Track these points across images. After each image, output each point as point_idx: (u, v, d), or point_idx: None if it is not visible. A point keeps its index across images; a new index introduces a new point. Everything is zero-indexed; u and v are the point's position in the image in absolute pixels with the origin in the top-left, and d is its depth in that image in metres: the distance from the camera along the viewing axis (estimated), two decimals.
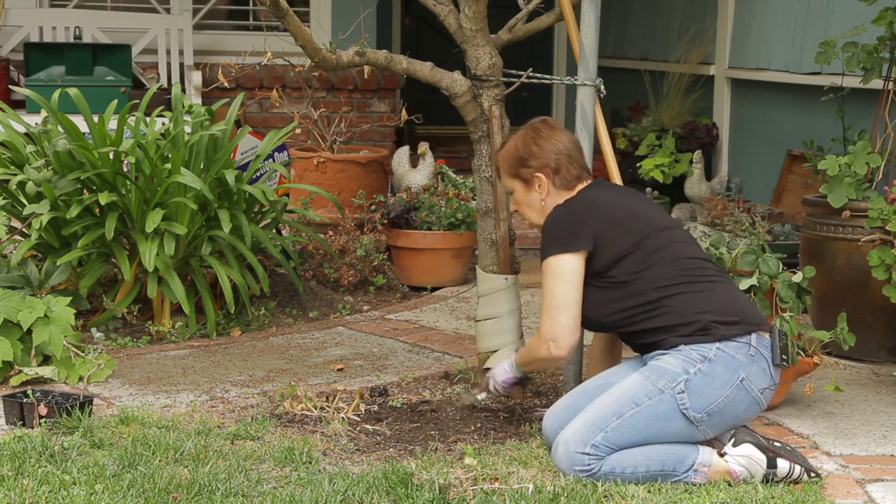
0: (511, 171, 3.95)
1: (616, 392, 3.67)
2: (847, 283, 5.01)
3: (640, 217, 3.84)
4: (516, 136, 3.97)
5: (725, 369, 3.62)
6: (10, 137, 5.45)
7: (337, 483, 3.50)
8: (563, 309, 3.73)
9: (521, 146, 3.92)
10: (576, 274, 3.74)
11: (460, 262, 6.38)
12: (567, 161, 3.88)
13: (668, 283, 3.70)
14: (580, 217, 3.77)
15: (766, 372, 3.68)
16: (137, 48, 8.08)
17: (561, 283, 3.73)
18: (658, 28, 8.86)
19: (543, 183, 3.88)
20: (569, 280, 3.73)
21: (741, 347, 3.65)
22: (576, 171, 3.89)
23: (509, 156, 3.95)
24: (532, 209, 3.94)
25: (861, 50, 5.22)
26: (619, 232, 3.75)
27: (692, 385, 3.61)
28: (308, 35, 4.14)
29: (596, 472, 3.58)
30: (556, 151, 3.87)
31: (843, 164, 5.04)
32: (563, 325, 3.73)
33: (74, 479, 3.50)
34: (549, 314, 3.75)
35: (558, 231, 3.77)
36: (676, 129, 7.82)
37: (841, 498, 3.56)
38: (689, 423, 3.62)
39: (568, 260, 3.73)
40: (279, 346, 5.22)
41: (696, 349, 3.64)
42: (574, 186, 3.89)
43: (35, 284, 5.12)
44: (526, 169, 3.89)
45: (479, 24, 4.34)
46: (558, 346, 3.74)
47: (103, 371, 4.63)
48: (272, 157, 6.28)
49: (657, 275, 3.71)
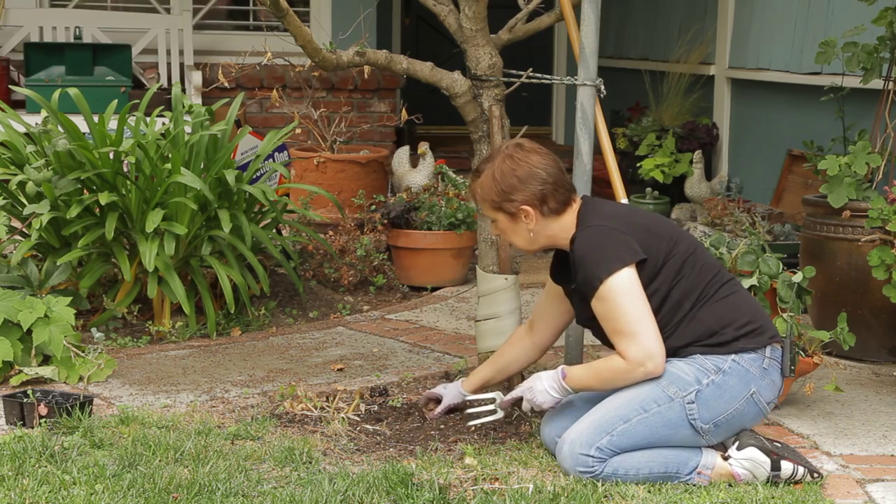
0: (492, 205, 3.70)
1: (624, 396, 3.62)
2: (847, 283, 5.01)
3: (660, 222, 3.75)
4: (492, 165, 3.69)
5: (738, 382, 3.59)
6: (11, 137, 5.45)
7: (337, 483, 3.50)
8: (643, 321, 3.53)
9: (500, 179, 3.65)
10: (638, 285, 3.54)
11: (460, 262, 6.38)
12: (553, 189, 3.65)
13: (699, 291, 3.61)
14: (616, 231, 3.59)
15: (775, 384, 3.66)
16: (137, 48, 8.08)
17: (632, 299, 3.52)
18: (658, 28, 8.85)
19: (531, 214, 3.66)
20: (637, 292, 3.53)
21: (756, 360, 3.62)
22: (563, 195, 3.67)
23: (489, 189, 3.68)
24: (518, 237, 3.74)
25: (861, 50, 5.22)
26: (653, 239, 3.62)
27: (703, 396, 3.57)
28: (308, 35, 4.14)
29: (598, 474, 3.57)
30: (541, 181, 3.64)
31: (843, 164, 5.04)
32: (652, 336, 3.53)
33: (74, 479, 3.50)
34: (633, 335, 3.53)
35: (605, 250, 3.56)
36: (676, 129, 7.83)
37: (841, 498, 3.56)
38: (694, 432, 3.60)
39: (628, 273, 3.53)
40: (279, 346, 5.22)
41: (712, 359, 3.60)
42: (563, 210, 3.69)
43: (35, 284, 5.13)
44: (510, 203, 3.66)
45: (479, 24, 4.34)
46: (655, 363, 3.54)
47: (103, 371, 4.63)
48: (272, 157, 6.28)
49: (690, 284, 3.61)
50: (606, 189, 4.45)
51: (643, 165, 7.70)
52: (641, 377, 3.57)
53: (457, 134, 8.11)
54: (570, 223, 3.70)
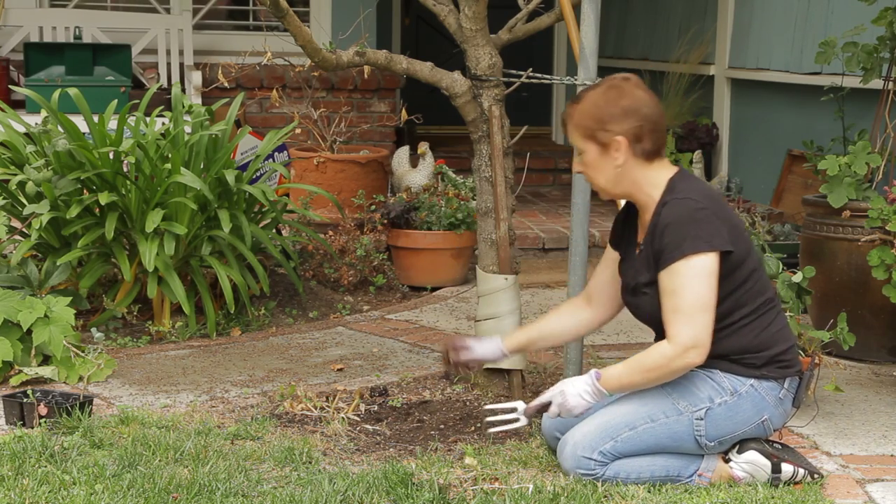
0: (586, 132, 3.53)
1: (634, 402, 3.57)
2: (847, 283, 5.01)
3: (741, 225, 3.61)
4: (595, 92, 3.54)
5: (751, 407, 3.55)
6: (10, 137, 5.45)
7: (337, 483, 3.50)
8: (707, 311, 3.39)
9: (602, 105, 3.49)
10: (716, 274, 3.40)
11: (460, 262, 6.38)
12: (651, 129, 3.49)
13: (751, 307, 3.51)
14: (714, 214, 3.45)
15: (786, 414, 3.63)
16: (137, 48, 8.09)
17: (706, 283, 3.38)
18: (658, 28, 8.86)
19: (623, 149, 3.50)
20: (713, 281, 3.39)
21: (774, 389, 3.56)
22: (658, 140, 3.52)
23: (587, 114, 3.51)
24: (602, 174, 3.55)
25: (861, 50, 5.22)
26: (738, 235, 3.49)
27: (713, 415, 3.53)
28: (308, 35, 4.15)
29: (599, 477, 3.56)
30: (642, 117, 3.48)
31: (843, 164, 5.04)
32: (708, 328, 3.40)
33: (74, 479, 3.50)
34: (692, 317, 3.38)
35: (699, 227, 3.40)
36: (676, 129, 7.83)
37: (841, 498, 3.56)
38: (698, 446, 3.58)
39: (712, 259, 3.39)
40: (279, 346, 5.22)
41: (730, 379, 3.53)
42: (653, 159, 3.52)
43: (35, 284, 5.13)
44: (605, 133, 3.49)
45: (479, 24, 4.34)
46: (700, 353, 3.40)
47: (103, 371, 4.63)
48: (272, 157, 6.28)
49: (747, 296, 3.50)
50: None
51: None
52: (682, 368, 3.43)
53: (457, 134, 8.11)
54: (657, 179, 3.54)
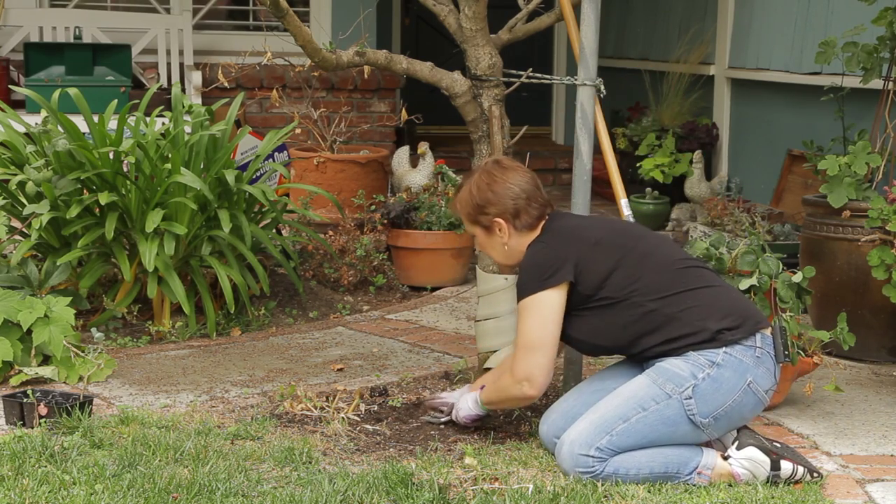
0: (469, 219, 3.88)
1: (622, 395, 3.65)
2: (847, 283, 5.01)
3: (616, 231, 3.83)
4: (471, 181, 3.87)
5: (733, 373, 3.61)
6: (10, 137, 5.45)
7: (337, 483, 3.50)
8: (539, 349, 3.67)
9: (476, 193, 3.82)
10: (555, 310, 3.67)
11: (460, 262, 6.38)
12: (526, 204, 3.79)
13: (664, 292, 3.66)
14: (557, 250, 3.72)
15: (771, 372, 3.68)
16: (137, 48, 8.09)
17: (539, 321, 3.67)
18: (658, 28, 8.86)
19: (504, 228, 3.81)
20: (547, 317, 3.66)
21: (747, 350, 3.64)
22: (536, 210, 3.81)
23: (466, 203, 3.86)
24: (495, 251, 3.90)
25: (861, 50, 5.22)
26: (599, 251, 3.71)
27: (700, 390, 3.59)
28: (308, 35, 4.14)
29: (599, 474, 3.58)
30: (514, 196, 3.78)
31: (843, 164, 5.05)
32: (540, 364, 3.66)
33: (74, 479, 3.50)
34: (525, 354, 3.68)
35: (536, 269, 3.70)
36: (676, 129, 7.83)
37: (841, 498, 3.57)
38: (695, 427, 3.61)
39: (546, 296, 3.66)
40: (279, 346, 5.22)
41: (704, 354, 3.62)
42: (537, 226, 3.82)
43: (35, 284, 5.13)
44: (484, 216, 3.82)
45: (479, 24, 4.34)
46: (533, 386, 3.67)
47: (103, 371, 4.63)
48: (272, 157, 6.28)
49: (651, 284, 3.67)
50: (606, 189, 4.45)
51: (643, 165, 7.71)
52: (518, 394, 3.73)
53: (457, 134, 8.11)
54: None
